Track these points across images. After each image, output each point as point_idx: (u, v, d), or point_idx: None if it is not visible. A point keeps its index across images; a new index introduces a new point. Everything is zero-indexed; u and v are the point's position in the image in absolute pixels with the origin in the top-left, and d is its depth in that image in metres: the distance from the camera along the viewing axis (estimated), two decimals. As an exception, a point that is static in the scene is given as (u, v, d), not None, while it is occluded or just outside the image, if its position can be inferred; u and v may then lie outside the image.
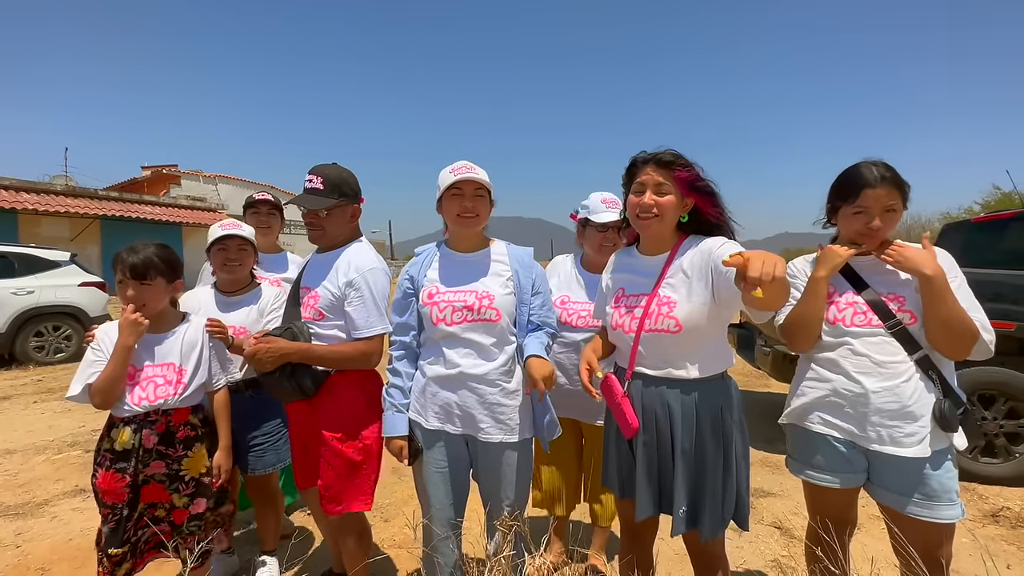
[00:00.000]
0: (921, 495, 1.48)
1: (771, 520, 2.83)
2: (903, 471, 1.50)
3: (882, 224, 1.52)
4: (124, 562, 1.69)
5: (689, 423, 1.45)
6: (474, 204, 1.63)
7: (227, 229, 2.08)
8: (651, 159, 1.47)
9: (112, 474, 1.69)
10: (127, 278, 1.72)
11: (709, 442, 1.44)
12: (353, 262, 1.79)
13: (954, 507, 1.48)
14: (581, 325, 2.06)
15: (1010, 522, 2.80)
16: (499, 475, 1.64)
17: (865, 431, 1.52)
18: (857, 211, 1.54)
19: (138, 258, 1.71)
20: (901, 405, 1.48)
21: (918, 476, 1.48)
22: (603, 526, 2.30)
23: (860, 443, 1.55)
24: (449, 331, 1.63)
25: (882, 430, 1.50)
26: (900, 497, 1.51)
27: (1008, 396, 3.22)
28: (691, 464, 1.45)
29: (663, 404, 1.47)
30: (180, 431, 1.77)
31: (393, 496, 3.09)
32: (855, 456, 1.58)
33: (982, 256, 4.04)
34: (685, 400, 1.45)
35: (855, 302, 1.57)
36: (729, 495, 1.46)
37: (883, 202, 1.51)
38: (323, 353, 1.76)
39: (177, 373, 1.78)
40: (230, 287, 2.17)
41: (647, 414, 1.48)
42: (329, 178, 1.80)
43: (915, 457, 1.47)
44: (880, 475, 1.55)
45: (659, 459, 1.49)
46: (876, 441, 1.51)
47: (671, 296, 1.45)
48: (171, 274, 1.80)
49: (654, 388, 1.48)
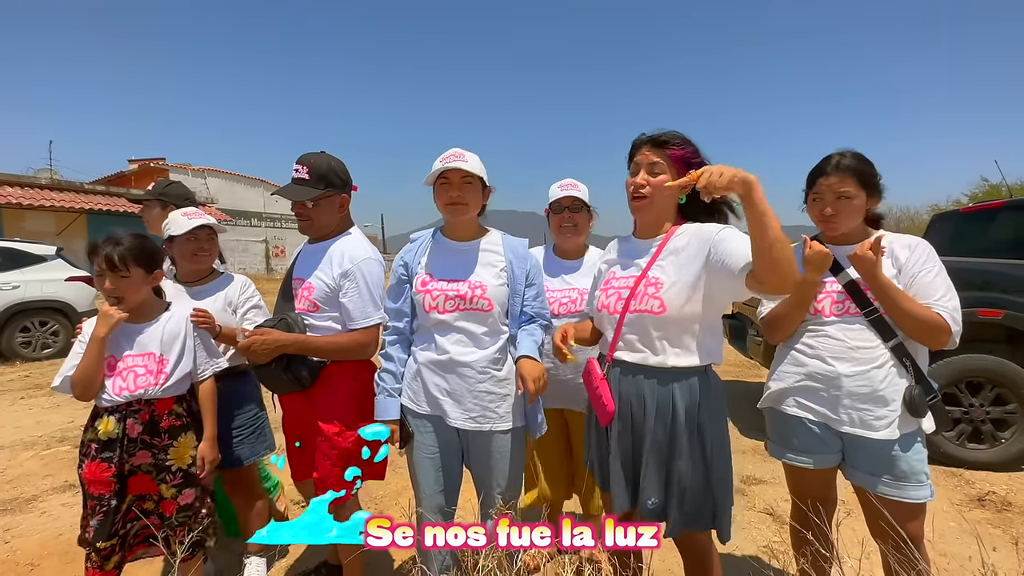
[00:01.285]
0: (891, 476, 1.53)
1: (763, 507, 2.86)
2: (873, 453, 1.55)
3: (834, 211, 1.59)
4: (113, 555, 1.67)
5: (664, 415, 1.41)
6: (462, 192, 1.61)
7: (195, 220, 2.03)
8: (647, 140, 1.48)
9: (98, 464, 1.66)
10: (104, 270, 1.69)
11: (682, 436, 1.39)
12: (347, 252, 1.77)
13: (923, 488, 1.52)
14: (562, 312, 2.07)
15: (996, 506, 2.85)
16: (490, 463, 1.64)
17: (838, 414, 1.57)
18: (814, 198, 1.65)
19: (114, 249, 1.68)
20: (872, 389, 1.53)
21: (888, 458, 1.53)
22: (595, 515, 2.31)
23: (833, 425, 1.60)
24: (441, 319, 1.62)
25: (853, 413, 1.55)
26: (871, 478, 1.55)
27: (995, 383, 3.26)
28: (663, 458, 1.42)
29: (639, 395, 1.44)
30: (164, 420, 1.75)
31: (387, 488, 3.08)
32: (829, 438, 1.62)
33: (971, 245, 4.09)
34: (661, 392, 1.41)
35: (832, 292, 1.62)
36: (700, 494, 1.41)
37: (834, 189, 1.58)
38: (319, 344, 1.75)
39: (158, 363, 1.75)
40: (193, 277, 2.11)
41: (623, 403, 1.47)
42: (316, 167, 1.76)
43: (885, 439, 1.52)
44: (853, 456, 1.61)
45: (632, 450, 1.48)
46: (848, 424, 1.56)
47: (659, 277, 1.43)
48: (149, 264, 1.76)
49: (631, 378, 1.47)
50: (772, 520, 2.72)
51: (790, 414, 1.67)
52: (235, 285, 2.15)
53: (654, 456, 1.42)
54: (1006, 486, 3.07)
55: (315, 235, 1.86)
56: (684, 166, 1.43)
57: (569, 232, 2.12)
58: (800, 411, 1.65)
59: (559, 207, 2.13)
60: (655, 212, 1.49)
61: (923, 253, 1.55)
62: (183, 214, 2.05)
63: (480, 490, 1.68)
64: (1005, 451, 3.26)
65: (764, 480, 3.21)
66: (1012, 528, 2.61)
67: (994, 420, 3.29)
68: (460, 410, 1.62)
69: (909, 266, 1.55)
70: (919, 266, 1.54)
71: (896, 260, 1.58)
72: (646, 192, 1.45)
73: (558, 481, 2.24)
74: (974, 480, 3.16)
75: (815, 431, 1.62)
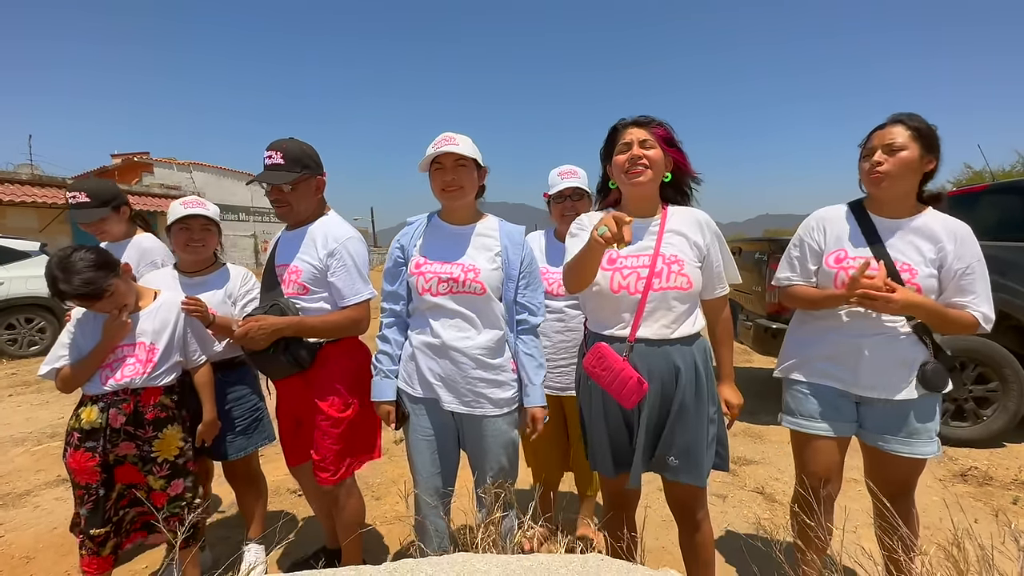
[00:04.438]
0: (904, 434, 1.56)
1: (754, 486, 2.93)
2: (890, 413, 1.57)
3: (881, 161, 1.50)
4: (108, 540, 1.67)
5: (690, 378, 1.51)
6: (456, 176, 1.61)
7: (189, 208, 1.99)
8: (631, 122, 1.55)
9: (81, 453, 1.65)
10: (89, 302, 1.63)
11: (704, 395, 1.52)
12: (330, 233, 1.79)
13: (932, 444, 1.56)
14: (561, 293, 2.08)
15: (977, 480, 2.94)
16: (483, 446, 1.65)
17: (859, 380, 1.58)
18: (865, 155, 1.57)
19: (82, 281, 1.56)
20: (895, 356, 1.54)
21: (903, 416, 1.56)
22: (589, 495, 2.35)
23: (854, 391, 1.60)
24: (434, 302, 1.62)
25: (875, 378, 1.56)
26: (885, 435, 1.58)
27: (977, 362, 3.35)
28: (689, 419, 1.50)
29: (669, 364, 1.50)
30: (150, 412, 1.72)
31: (383, 476, 3.10)
32: (846, 407, 1.64)
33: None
34: (686, 357, 1.51)
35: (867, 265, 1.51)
36: (711, 444, 1.55)
37: (884, 138, 1.51)
38: (315, 324, 1.77)
39: (148, 351, 1.73)
40: (192, 267, 2.08)
41: (652, 379, 1.49)
42: (289, 151, 1.76)
43: (903, 399, 1.54)
44: (868, 419, 1.62)
45: (656, 420, 1.53)
46: (870, 388, 1.57)
47: (676, 255, 1.51)
48: (114, 267, 1.68)
49: (657, 348, 1.51)
50: (763, 498, 2.78)
51: (811, 382, 1.67)
52: (235, 277, 2.13)
53: (680, 418, 1.50)
54: (987, 461, 3.17)
55: (294, 220, 1.86)
56: (667, 144, 1.53)
57: (571, 220, 2.14)
58: (822, 379, 1.64)
59: (561, 196, 2.15)
60: (652, 187, 1.55)
61: (969, 247, 1.50)
62: (181, 203, 2.03)
63: (475, 472, 1.70)
64: (986, 428, 3.36)
65: (755, 460, 3.28)
66: (992, 501, 2.70)
67: (976, 398, 3.38)
68: (453, 395, 1.63)
69: (953, 264, 1.49)
70: (965, 263, 1.49)
71: (940, 248, 1.51)
72: (645, 163, 1.50)
73: (552, 462, 2.27)
74: (957, 456, 3.25)
75: (834, 399, 1.63)
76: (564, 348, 2.11)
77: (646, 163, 1.49)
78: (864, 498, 1.68)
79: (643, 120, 1.54)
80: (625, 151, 1.52)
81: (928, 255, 1.51)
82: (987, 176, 7.08)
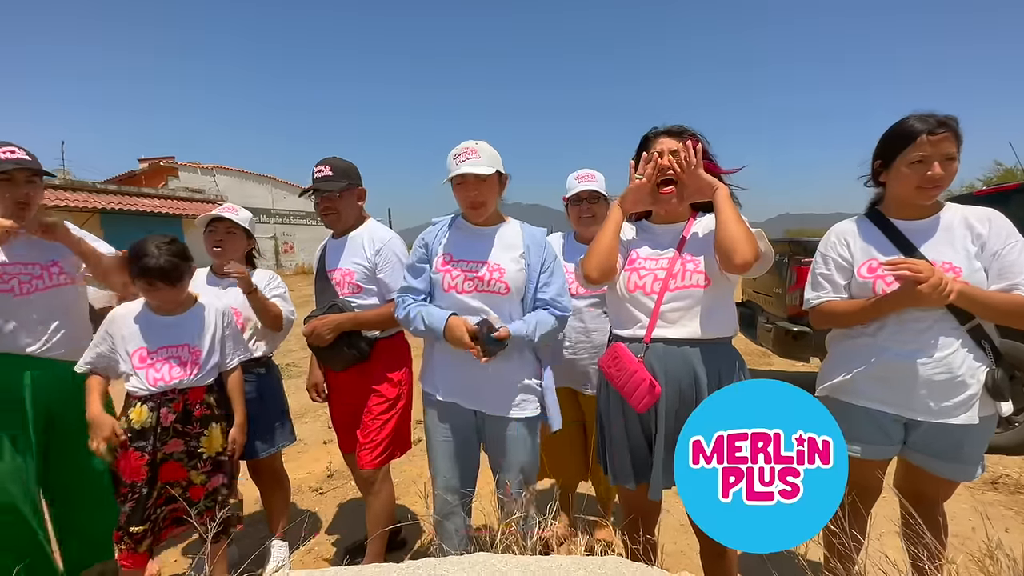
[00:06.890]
0: (953, 458, 1.48)
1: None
2: (941, 437, 1.48)
3: (944, 173, 1.41)
4: (145, 539, 1.74)
5: (715, 384, 1.48)
6: (479, 192, 1.63)
7: (217, 211, 2.15)
8: (663, 131, 1.54)
9: (131, 452, 1.73)
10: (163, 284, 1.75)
11: None
12: (375, 237, 2.04)
13: (977, 467, 1.51)
14: (582, 293, 2.09)
15: (1008, 488, 2.86)
16: (504, 448, 1.67)
17: (913, 404, 1.47)
18: (917, 159, 1.43)
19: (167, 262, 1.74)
20: (951, 375, 1.42)
21: (957, 442, 1.47)
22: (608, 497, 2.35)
23: (908, 415, 1.49)
24: (459, 299, 1.65)
25: (931, 402, 1.44)
26: (930, 458, 1.50)
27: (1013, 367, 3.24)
28: None
29: (688, 367, 1.48)
30: (197, 409, 1.82)
31: (403, 475, 3.15)
32: (894, 429, 1.54)
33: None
34: (708, 363, 1.48)
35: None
36: None
37: (943, 150, 1.40)
38: (369, 317, 1.97)
39: (193, 353, 1.82)
40: (219, 269, 2.20)
41: (670, 381, 1.48)
42: (337, 166, 2.03)
43: (963, 424, 1.44)
44: (916, 438, 1.52)
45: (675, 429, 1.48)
46: (924, 412, 1.46)
47: (693, 256, 1.52)
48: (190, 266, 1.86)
49: (676, 349, 1.49)
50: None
51: (859, 405, 1.55)
52: (260, 279, 2.23)
53: None
54: (1020, 469, 3.07)
55: (340, 227, 2.09)
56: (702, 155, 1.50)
57: (588, 222, 2.18)
58: (870, 403, 1.53)
59: (577, 199, 2.17)
60: (684, 198, 1.54)
61: (1003, 226, 1.44)
62: (218, 208, 2.17)
63: (496, 473, 1.73)
64: (1018, 435, 3.26)
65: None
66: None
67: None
68: (474, 395, 1.66)
69: (992, 242, 1.43)
70: (1001, 241, 1.42)
71: (977, 236, 1.45)
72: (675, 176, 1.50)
73: (572, 463, 2.28)
74: (988, 463, 3.13)
75: (884, 425, 1.53)
76: (584, 349, 2.12)
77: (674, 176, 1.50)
78: (888, 504, 1.64)
79: (676, 130, 1.53)
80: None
81: (968, 247, 1.44)
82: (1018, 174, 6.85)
